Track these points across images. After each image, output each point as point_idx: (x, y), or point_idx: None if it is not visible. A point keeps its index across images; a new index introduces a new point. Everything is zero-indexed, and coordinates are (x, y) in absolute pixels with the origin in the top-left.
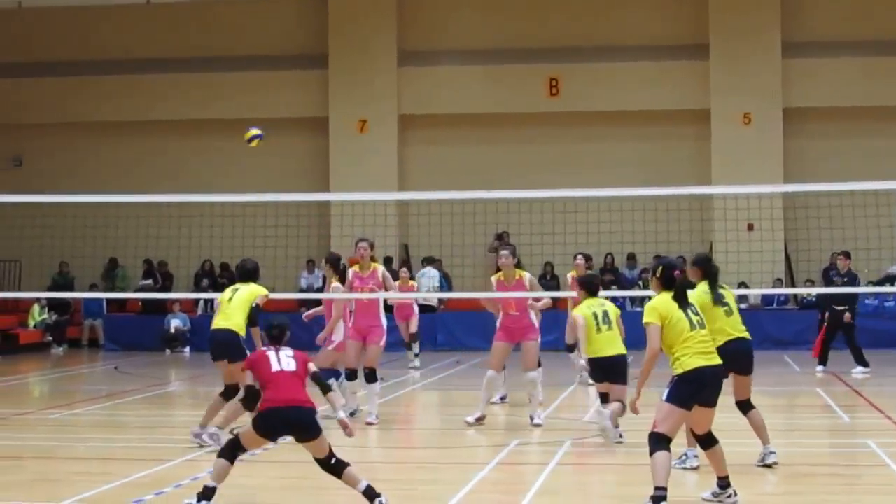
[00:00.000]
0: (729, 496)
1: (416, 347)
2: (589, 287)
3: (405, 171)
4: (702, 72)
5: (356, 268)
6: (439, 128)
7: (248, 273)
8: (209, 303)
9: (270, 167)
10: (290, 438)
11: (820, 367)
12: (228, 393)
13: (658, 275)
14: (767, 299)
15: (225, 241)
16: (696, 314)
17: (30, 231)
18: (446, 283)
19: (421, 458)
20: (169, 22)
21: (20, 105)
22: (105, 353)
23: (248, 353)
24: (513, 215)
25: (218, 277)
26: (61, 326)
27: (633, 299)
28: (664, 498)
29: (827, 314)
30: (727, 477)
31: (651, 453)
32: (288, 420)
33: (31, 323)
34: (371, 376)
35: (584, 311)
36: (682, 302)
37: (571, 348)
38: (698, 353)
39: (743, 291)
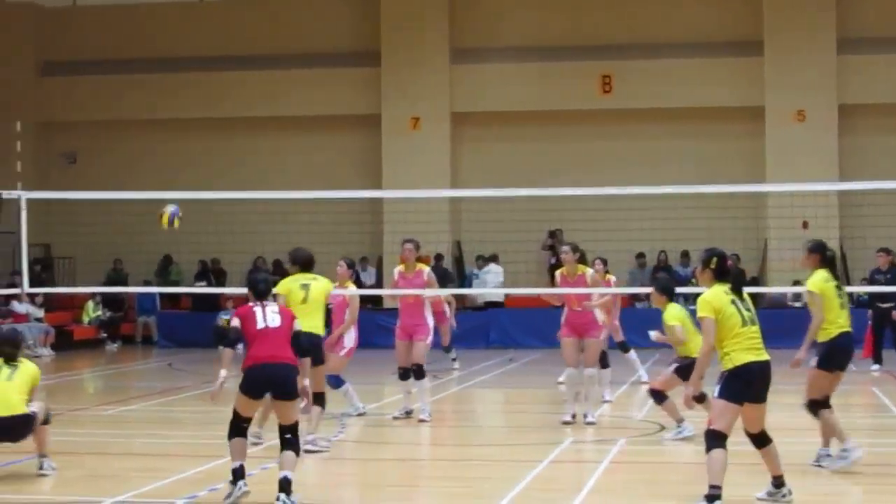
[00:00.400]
0: (783, 495)
1: (452, 351)
2: (668, 291)
3: (458, 169)
4: (755, 68)
5: (402, 268)
6: (491, 125)
7: (311, 262)
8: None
9: (323, 165)
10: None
11: (876, 366)
12: (317, 399)
13: (712, 265)
14: None
15: (277, 237)
16: (749, 309)
17: (84, 228)
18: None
19: (474, 456)
20: (222, 20)
21: (75, 103)
22: (158, 349)
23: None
24: (565, 213)
25: (270, 274)
26: (115, 323)
27: (686, 296)
28: (719, 497)
29: (871, 312)
30: (781, 476)
31: (707, 450)
32: (267, 376)
33: (86, 319)
34: (419, 372)
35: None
36: (737, 295)
37: (626, 347)
38: (748, 348)
39: (798, 289)
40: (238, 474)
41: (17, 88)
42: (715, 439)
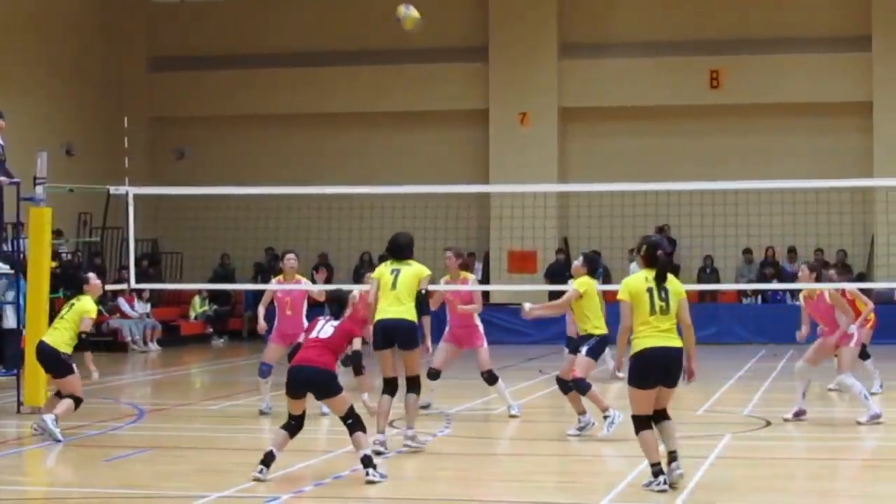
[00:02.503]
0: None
1: None
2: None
3: (565, 164)
4: (864, 63)
5: (448, 277)
6: (599, 121)
7: (402, 248)
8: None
9: (432, 160)
10: None
11: None
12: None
13: (642, 253)
14: None
15: (385, 232)
16: (664, 300)
17: (192, 223)
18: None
19: (581, 451)
20: (332, 15)
21: (184, 98)
22: (265, 344)
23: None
24: (673, 208)
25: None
26: (222, 318)
27: (793, 293)
28: (661, 472)
29: None
30: (675, 452)
31: (636, 433)
32: (294, 376)
33: (193, 314)
34: (491, 378)
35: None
36: (658, 283)
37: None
38: (652, 335)
39: None
40: (266, 461)
41: (127, 84)
42: (639, 423)
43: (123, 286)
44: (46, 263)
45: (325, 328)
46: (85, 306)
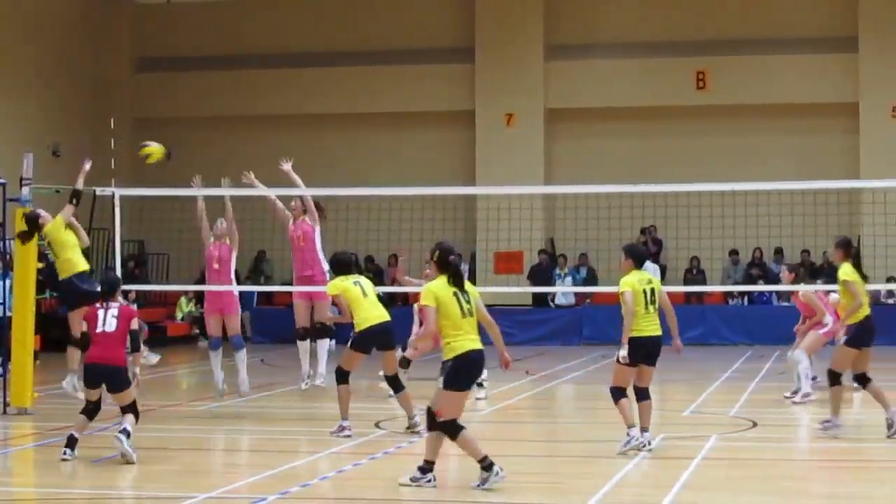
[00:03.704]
0: (496, 473)
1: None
2: (637, 257)
3: (551, 165)
4: (851, 64)
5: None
6: (585, 122)
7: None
8: None
9: (417, 161)
10: None
11: None
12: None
13: (435, 258)
14: None
15: (371, 234)
16: (468, 302)
17: (178, 224)
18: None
19: (567, 452)
20: (317, 16)
21: (170, 99)
22: (252, 345)
23: None
24: (659, 209)
25: (364, 271)
26: None
27: (779, 294)
28: (430, 469)
29: None
30: (487, 457)
31: (451, 438)
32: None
33: (179, 315)
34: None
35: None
36: (458, 287)
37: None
38: (467, 339)
39: (892, 286)
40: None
41: (113, 85)
42: (450, 429)
43: None
44: (32, 264)
45: None
46: None
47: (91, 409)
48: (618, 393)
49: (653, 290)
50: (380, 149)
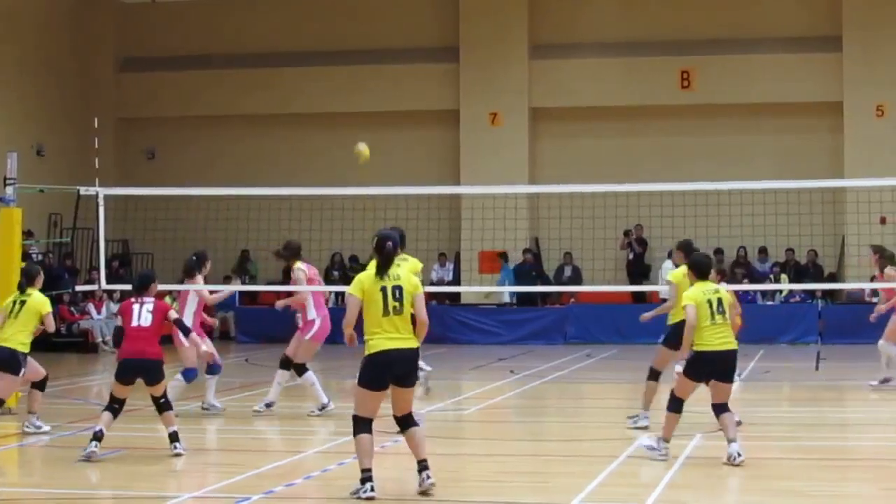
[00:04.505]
0: (425, 479)
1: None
2: (700, 270)
3: (536, 164)
4: (835, 63)
5: None
6: (570, 121)
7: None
8: (340, 295)
9: (402, 160)
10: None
11: None
12: None
13: (374, 245)
14: None
15: (356, 233)
16: (397, 299)
17: (162, 224)
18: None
19: (552, 451)
20: (301, 16)
21: (153, 99)
22: (237, 344)
23: None
24: (643, 208)
25: (348, 271)
26: None
27: (763, 293)
28: (370, 479)
29: None
30: (425, 461)
31: (354, 435)
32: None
33: None
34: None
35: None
36: (388, 278)
37: None
38: (388, 337)
39: (876, 285)
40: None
41: (97, 85)
42: (358, 424)
43: (94, 287)
44: (17, 264)
45: None
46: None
47: (117, 409)
48: (672, 404)
49: (720, 301)
50: None
